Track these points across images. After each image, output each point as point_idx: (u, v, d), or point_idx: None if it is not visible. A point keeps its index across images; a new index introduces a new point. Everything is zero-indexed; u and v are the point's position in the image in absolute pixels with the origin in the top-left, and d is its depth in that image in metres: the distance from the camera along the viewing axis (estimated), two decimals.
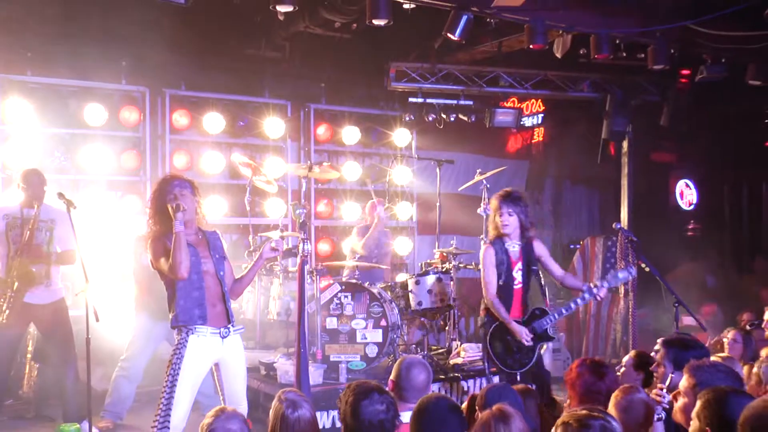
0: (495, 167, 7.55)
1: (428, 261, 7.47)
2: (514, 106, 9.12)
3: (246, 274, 4.59)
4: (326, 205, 8.71)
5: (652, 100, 8.90)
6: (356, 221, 8.40)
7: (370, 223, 7.55)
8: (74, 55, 7.06)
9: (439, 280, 6.63)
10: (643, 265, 5.89)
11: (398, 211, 8.89)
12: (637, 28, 6.96)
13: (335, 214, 8.79)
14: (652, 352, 4.17)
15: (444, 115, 8.46)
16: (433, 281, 6.64)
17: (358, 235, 7.48)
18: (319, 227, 8.79)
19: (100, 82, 7.34)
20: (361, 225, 7.68)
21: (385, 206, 7.88)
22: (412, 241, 9.26)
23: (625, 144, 9.30)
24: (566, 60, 7.43)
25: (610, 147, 9.70)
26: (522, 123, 9.06)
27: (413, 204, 9.27)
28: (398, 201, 8.95)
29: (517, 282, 5.28)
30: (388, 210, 7.59)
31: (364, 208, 8.02)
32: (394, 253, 8.65)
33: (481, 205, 6.89)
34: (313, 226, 8.62)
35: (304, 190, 7.24)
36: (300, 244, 4.82)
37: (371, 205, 7.65)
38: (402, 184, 9.06)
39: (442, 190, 7.73)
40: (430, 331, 6.99)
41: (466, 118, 8.57)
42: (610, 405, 3.46)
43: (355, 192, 8.86)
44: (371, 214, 7.58)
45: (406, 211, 9.12)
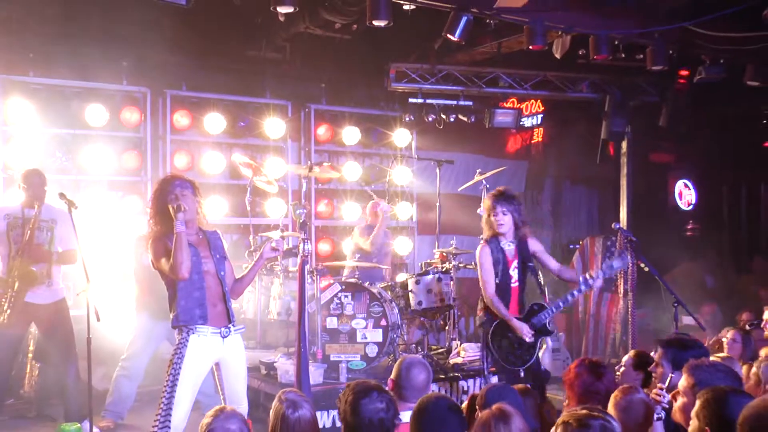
0: (495, 167, 7.57)
1: (428, 261, 7.49)
2: (513, 106, 9.12)
3: (246, 274, 4.60)
4: (326, 205, 8.72)
5: (650, 101, 8.92)
6: (356, 221, 8.41)
7: (370, 222, 7.56)
8: (75, 55, 7.07)
9: (439, 279, 6.65)
10: (643, 265, 5.90)
11: (398, 211, 8.91)
12: (636, 29, 6.96)
13: (335, 214, 8.80)
14: (652, 351, 4.18)
15: (444, 116, 8.46)
16: (433, 281, 6.65)
17: (363, 235, 7.45)
18: (320, 227, 8.80)
19: (101, 82, 7.35)
20: (363, 225, 7.68)
21: (386, 201, 7.90)
22: (412, 241, 9.26)
23: (624, 144, 9.32)
24: (565, 61, 7.44)
25: (610, 147, 9.72)
26: (521, 123, 9.06)
27: (413, 204, 9.27)
28: (398, 201, 8.96)
29: (514, 280, 5.31)
30: (386, 210, 7.59)
31: (365, 208, 8.02)
32: (394, 253, 8.66)
33: (481, 205, 6.90)
34: (314, 226, 8.63)
35: (305, 190, 7.25)
36: (300, 244, 4.83)
37: (371, 205, 7.65)
38: (402, 184, 9.06)
39: (442, 190, 7.75)
40: (430, 331, 7.01)
41: (465, 119, 8.58)
42: (610, 405, 3.46)
43: (356, 192, 8.87)
44: (372, 213, 7.57)
45: (406, 211, 9.13)
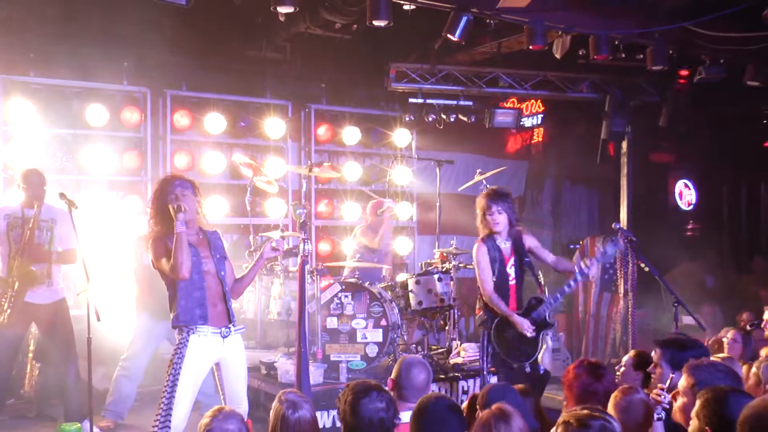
0: (495, 167, 7.56)
1: (428, 261, 7.48)
2: (513, 106, 9.12)
3: (247, 274, 4.60)
4: (327, 205, 8.72)
5: (651, 101, 8.92)
6: (356, 221, 8.41)
7: (371, 222, 7.55)
8: (75, 55, 7.07)
9: (440, 279, 6.65)
10: (643, 265, 5.90)
11: (398, 211, 8.90)
12: (636, 29, 6.97)
13: (336, 214, 8.80)
14: (652, 352, 4.18)
15: (444, 116, 8.46)
16: (433, 281, 6.65)
17: (367, 234, 7.42)
18: (320, 227, 8.80)
19: (101, 82, 7.35)
20: (364, 225, 7.67)
21: (388, 197, 7.91)
22: (412, 241, 9.26)
23: (625, 144, 9.32)
24: (565, 61, 7.44)
25: (610, 147, 9.73)
26: (521, 123, 9.07)
27: (413, 204, 9.27)
28: (398, 201, 8.95)
29: (511, 278, 5.32)
30: (390, 209, 7.58)
31: (365, 208, 8.02)
32: (395, 253, 8.66)
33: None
34: (314, 226, 8.62)
35: (305, 190, 7.25)
36: (300, 244, 4.83)
37: (372, 205, 7.63)
38: (402, 184, 9.06)
39: (442, 190, 7.75)
40: (430, 331, 7.00)
41: (465, 119, 8.58)
42: (610, 405, 3.46)
43: (356, 192, 8.87)
44: (373, 213, 7.55)
45: (406, 211, 9.12)
